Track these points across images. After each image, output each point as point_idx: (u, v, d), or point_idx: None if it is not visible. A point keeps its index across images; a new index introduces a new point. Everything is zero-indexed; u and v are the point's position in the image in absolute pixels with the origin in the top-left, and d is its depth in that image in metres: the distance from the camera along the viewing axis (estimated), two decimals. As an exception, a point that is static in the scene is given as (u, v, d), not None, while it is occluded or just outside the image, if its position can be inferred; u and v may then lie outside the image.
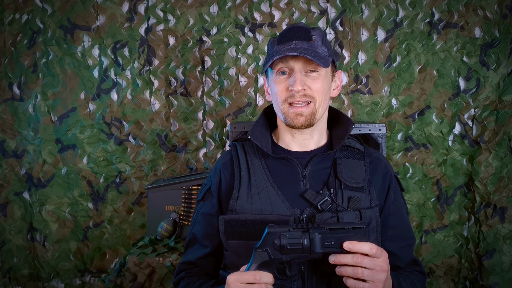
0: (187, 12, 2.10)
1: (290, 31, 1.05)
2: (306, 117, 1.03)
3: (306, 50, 1.01)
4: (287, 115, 1.04)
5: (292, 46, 1.03)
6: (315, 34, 1.05)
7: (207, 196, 1.14)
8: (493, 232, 2.03)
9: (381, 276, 0.88)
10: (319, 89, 1.03)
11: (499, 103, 2.02)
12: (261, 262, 0.90)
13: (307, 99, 1.03)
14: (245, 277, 0.89)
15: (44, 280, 2.18)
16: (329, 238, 0.89)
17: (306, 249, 0.89)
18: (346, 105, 2.09)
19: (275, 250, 0.90)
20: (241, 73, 2.12)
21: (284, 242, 0.89)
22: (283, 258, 0.90)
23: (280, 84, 1.04)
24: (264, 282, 0.88)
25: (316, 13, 2.08)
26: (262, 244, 0.91)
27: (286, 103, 1.04)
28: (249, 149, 1.12)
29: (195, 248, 1.13)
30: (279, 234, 0.90)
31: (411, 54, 2.04)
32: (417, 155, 2.08)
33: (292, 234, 0.90)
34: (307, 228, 0.90)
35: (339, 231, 0.89)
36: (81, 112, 2.15)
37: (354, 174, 1.06)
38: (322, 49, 1.04)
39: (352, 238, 0.88)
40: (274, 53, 1.04)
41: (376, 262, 0.88)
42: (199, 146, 2.15)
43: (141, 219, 2.16)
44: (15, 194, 2.18)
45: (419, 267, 1.11)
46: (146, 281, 1.72)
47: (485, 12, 2.00)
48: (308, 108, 1.03)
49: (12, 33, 2.12)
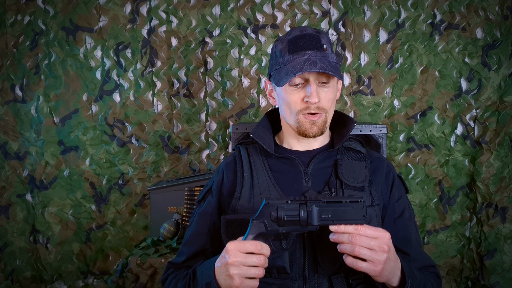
0: (189, 14, 2.10)
1: (301, 39, 1.04)
2: (319, 126, 1.06)
3: (322, 62, 1.01)
4: (302, 125, 1.05)
5: (306, 57, 1.02)
6: (325, 42, 1.05)
7: (207, 196, 1.15)
8: (494, 232, 2.04)
9: (380, 256, 0.87)
10: (330, 99, 1.05)
11: (501, 103, 2.03)
12: (258, 233, 0.90)
13: (321, 111, 1.05)
14: (245, 246, 0.88)
15: (47, 282, 2.18)
16: (326, 211, 0.89)
17: (303, 221, 0.89)
18: (348, 106, 2.10)
19: (272, 222, 0.90)
20: (243, 75, 2.12)
21: (281, 214, 0.90)
22: (280, 230, 0.90)
23: (294, 95, 1.05)
24: (263, 253, 0.88)
25: (318, 15, 2.09)
26: (259, 215, 0.91)
27: (301, 114, 1.05)
28: (252, 151, 1.13)
29: (186, 249, 1.13)
30: (277, 206, 0.90)
31: (413, 55, 2.05)
32: (419, 155, 2.09)
33: (290, 206, 0.90)
34: (305, 200, 0.91)
35: (336, 204, 0.90)
36: (84, 113, 2.15)
37: (354, 174, 1.07)
38: (332, 57, 1.05)
39: (349, 212, 0.89)
40: (286, 62, 1.03)
41: (373, 242, 0.87)
42: (202, 147, 2.16)
43: (144, 220, 2.16)
44: (18, 196, 2.18)
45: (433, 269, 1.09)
46: (148, 282, 1.72)
47: (487, 13, 2.01)
48: (321, 119, 1.05)
49: (14, 35, 2.12)
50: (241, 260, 0.87)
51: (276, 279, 1.00)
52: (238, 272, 0.87)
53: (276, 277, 1.00)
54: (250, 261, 0.88)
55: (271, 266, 0.91)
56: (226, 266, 0.88)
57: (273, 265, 0.91)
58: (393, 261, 0.91)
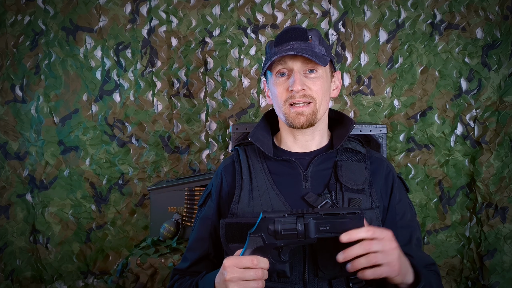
0: (189, 14, 2.10)
1: (287, 33, 1.06)
2: (307, 116, 1.04)
3: (304, 49, 1.02)
4: (288, 116, 1.05)
5: (289, 46, 1.04)
6: (312, 34, 1.06)
7: (207, 200, 1.15)
8: (494, 232, 2.04)
9: (394, 255, 0.86)
10: (319, 89, 1.04)
11: (501, 103, 2.03)
12: (256, 247, 0.90)
13: (307, 99, 1.04)
14: (242, 261, 0.88)
15: (47, 282, 2.18)
16: (324, 223, 0.88)
17: (301, 234, 0.89)
18: (348, 106, 2.10)
19: (269, 236, 0.90)
20: (243, 75, 2.12)
21: (279, 228, 0.89)
22: (278, 243, 0.90)
23: (280, 85, 1.05)
24: (261, 267, 0.88)
25: (318, 15, 2.09)
26: (256, 229, 0.91)
27: (287, 104, 1.05)
28: (251, 153, 1.13)
29: (189, 254, 1.13)
30: (274, 220, 0.90)
31: (413, 55, 2.05)
32: (419, 155, 2.09)
33: (287, 220, 0.90)
34: (302, 213, 0.90)
35: (334, 217, 0.89)
36: (84, 113, 2.15)
37: (354, 176, 1.06)
38: (319, 48, 1.05)
39: (347, 224, 0.87)
40: (272, 55, 1.05)
41: (384, 243, 0.85)
42: (202, 147, 2.16)
43: (144, 220, 2.16)
44: (18, 196, 2.18)
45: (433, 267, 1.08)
46: (148, 282, 1.72)
47: (487, 13, 2.01)
48: (309, 108, 1.04)
49: (14, 35, 2.12)
50: (238, 275, 0.87)
51: (276, 282, 0.99)
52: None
53: (276, 281, 0.99)
54: (248, 275, 0.87)
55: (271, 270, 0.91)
56: (225, 283, 0.88)
57: (273, 269, 0.92)
58: (403, 256, 0.90)
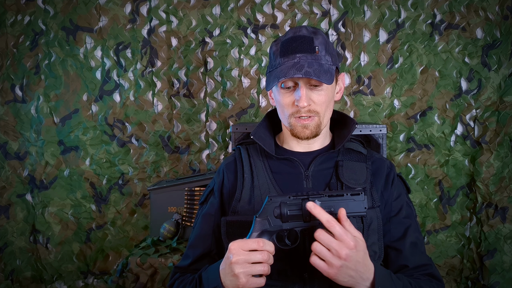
0: (189, 14, 2.10)
1: (292, 41, 1.03)
2: (312, 129, 1.06)
3: (310, 65, 1.00)
4: (294, 128, 1.06)
5: (296, 60, 1.01)
6: (318, 44, 1.03)
7: (209, 197, 1.15)
8: (494, 232, 2.04)
9: (335, 261, 0.84)
10: (323, 102, 1.05)
11: (500, 103, 2.03)
12: (262, 230, 0.91)
13: (312, 114, 1.05)
14: (248, 244, 0.88)
15: (47, 282, 2.18)
16: (329, 204, 0.90)
17: (306, 216, 0.90)
18: (348, 106, 2.10)
19: (275, 218, 0.91)
20: (243, 75, 2.12)
21: (284, 210, 0.91)
22: (283, 226, 0.91)
23: (286, 98, 1.05)
24: (266, 250, 0.88)
25: (318, 15, 2.09)
26: (262, 212, 0.92)
27: (293, 117, 1.06)
28: (253, 152, 1.13)
29: (191, 251, 1.12)
30: (279, 202, 0.91)
31: (413, 55, 2.05)
32: (419, 155, 2.09)
33: (292, 202, 0.91)
34: (307, 195, 0.91)
35: (338, 198, 0.90)
36: (84, 113, 2.15)
37: (355, 175, 1.07)
38: (326, 59, 1.03)
39: (351, 204, 0.89)
40: (277, 65, 1.04)
41: (335, 243, 0.84)
42: (202, 147, 2.16)
43: (144, 220, 2.16)
44: (18, 196, 2.18)
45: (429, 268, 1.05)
46: (148, 282, 1.72)
47: (487, 13, 2.01)
48: (313, 121, 1.05)
49: (14, 35, 2.12)
50: (244, 257, 0.87)
51: (276, 281, 0.99)
52: (243, 271, 0.87)
53: (276, 279, 0.99)
54: (254, 258, 0.87)
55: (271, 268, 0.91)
56: (230, 266, 0.88)
57: (273, 267, 0.92)
58: (354, 271, 0.85)
